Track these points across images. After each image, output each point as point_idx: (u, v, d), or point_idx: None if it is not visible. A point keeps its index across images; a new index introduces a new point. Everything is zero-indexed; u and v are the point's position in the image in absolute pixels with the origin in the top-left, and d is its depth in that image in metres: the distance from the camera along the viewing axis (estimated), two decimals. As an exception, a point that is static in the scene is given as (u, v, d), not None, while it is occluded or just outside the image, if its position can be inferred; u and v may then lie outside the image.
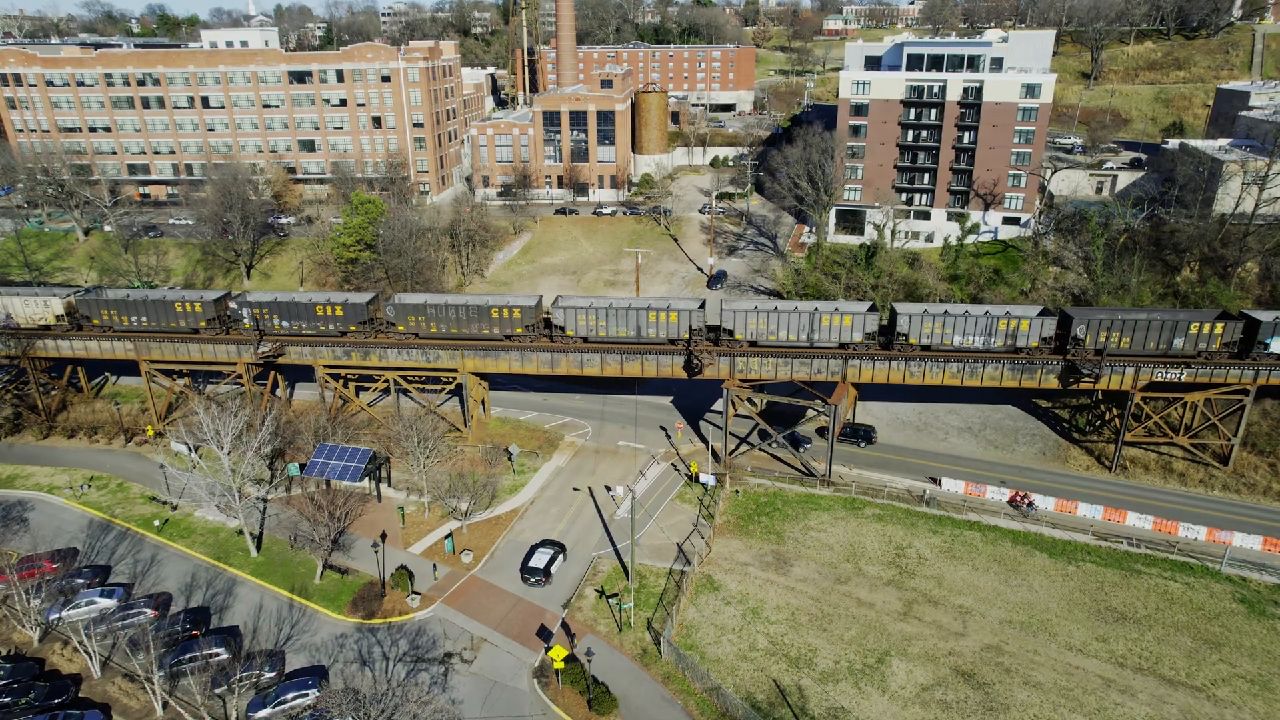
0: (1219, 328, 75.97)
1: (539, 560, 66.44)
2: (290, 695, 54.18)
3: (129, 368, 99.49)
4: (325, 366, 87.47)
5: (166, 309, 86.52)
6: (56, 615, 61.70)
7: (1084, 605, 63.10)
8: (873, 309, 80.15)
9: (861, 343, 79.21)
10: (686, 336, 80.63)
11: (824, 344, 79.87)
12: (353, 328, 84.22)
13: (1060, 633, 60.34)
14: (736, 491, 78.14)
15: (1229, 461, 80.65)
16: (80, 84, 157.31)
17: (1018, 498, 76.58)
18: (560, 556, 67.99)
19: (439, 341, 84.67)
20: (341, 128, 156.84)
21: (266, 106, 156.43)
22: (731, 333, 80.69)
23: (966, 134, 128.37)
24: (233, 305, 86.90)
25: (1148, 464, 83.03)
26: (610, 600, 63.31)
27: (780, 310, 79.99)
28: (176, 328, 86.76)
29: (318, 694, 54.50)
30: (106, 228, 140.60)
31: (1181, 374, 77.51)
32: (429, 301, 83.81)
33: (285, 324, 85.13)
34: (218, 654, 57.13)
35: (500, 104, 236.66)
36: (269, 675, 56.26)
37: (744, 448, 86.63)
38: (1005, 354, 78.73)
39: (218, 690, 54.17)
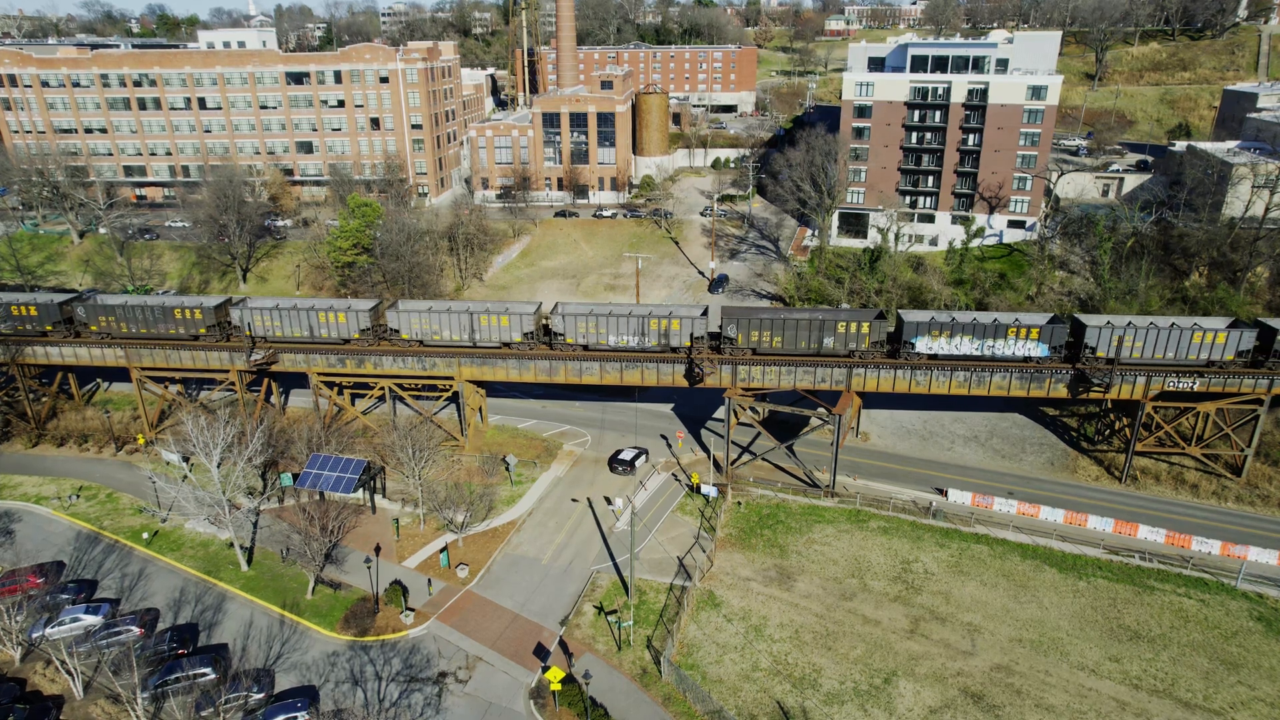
0: (866, 326, 77.04)
1: (627, 454, 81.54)
2: (279, 718, 52.45)
3: (121, 374, 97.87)
4: (319, 374, 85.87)
5: None
6: (39, 633, 59.93)
7: (1096, 623, 61.34)
8: (538, 309, 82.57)
9: (521, 342, 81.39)
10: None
11: (486, 343, 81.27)
12: (49, 327, 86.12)
13: (1072, 652, 58.61)
14: (739, 503, 76.42)
15: (1242, 473, 78.89)
16: (76, 85, 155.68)
17: None
18: (644, 456, 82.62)
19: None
20: (339, 129, 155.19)
21: (264, 108, 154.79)
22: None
23: (971, 136, 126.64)
24: None
25: (1159, 474, 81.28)
26: (609, 617, 61.61)
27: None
28: None
29: (307, 716, 52.83)
30: (102, 230, 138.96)
31: (1194, 383, 75.85)
32: (129, 303, 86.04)
33: None
34: (204, 674, 55.45)
35: (500, 105, 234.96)
36: (257, 696, 54.46)
37: (746, 457, 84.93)
38: (1013, 363, 77.11)
39: (204, 713, 52.49)
